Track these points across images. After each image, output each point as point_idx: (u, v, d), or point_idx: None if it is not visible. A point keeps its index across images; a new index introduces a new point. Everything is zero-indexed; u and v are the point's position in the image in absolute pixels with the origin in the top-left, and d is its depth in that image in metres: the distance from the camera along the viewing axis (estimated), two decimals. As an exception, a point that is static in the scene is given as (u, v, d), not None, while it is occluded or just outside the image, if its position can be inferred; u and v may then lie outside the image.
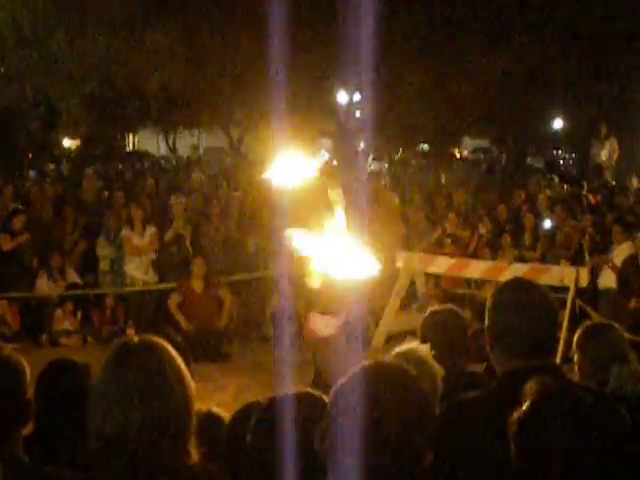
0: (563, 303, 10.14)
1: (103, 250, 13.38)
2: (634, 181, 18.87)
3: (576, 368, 4.17)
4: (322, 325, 8.66)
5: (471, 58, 23.33)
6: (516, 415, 2.63)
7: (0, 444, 2.71)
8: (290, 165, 5.93)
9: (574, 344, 4.17)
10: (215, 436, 3.21)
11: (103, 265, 13.42)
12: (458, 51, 23.60)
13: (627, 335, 4.48)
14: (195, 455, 2.42)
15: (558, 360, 7.39)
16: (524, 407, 2.62)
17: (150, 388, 2.34)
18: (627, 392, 3.84)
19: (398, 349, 3.68)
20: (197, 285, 12.55)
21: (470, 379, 4.10)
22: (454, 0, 23.66)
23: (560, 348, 8.60)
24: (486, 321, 2.98)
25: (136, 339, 2.49)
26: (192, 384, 2.45)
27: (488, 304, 3.00)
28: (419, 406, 2.20)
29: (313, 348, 8.97)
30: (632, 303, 11.18)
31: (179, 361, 2.44)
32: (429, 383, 3.41)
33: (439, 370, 3.59)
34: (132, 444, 2.31)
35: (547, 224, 13.16)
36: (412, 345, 3.75)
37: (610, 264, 11.60)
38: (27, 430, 3.10)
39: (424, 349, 3.68)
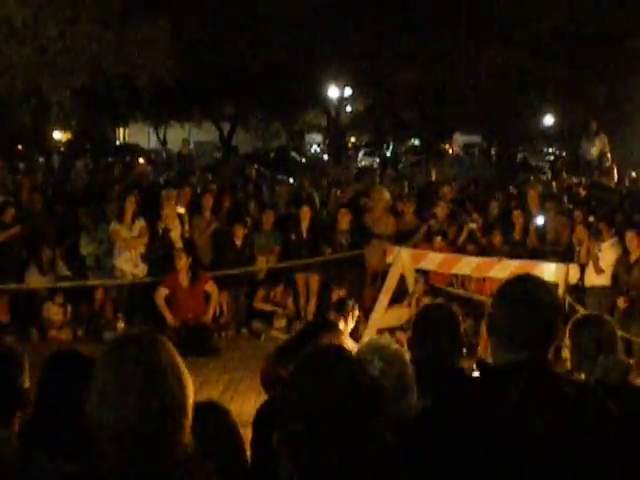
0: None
1: (86, 249, 13.33)
2: (632, 174, 19.06)
3: (567, 355, 4.26)
4: None
5: (462, 55, 23.47)
6: (501, 408, 2.70)
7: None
8: None
9: (566, 333, 4.23)
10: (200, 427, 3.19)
11: (89, 261, 13.37)
12: (449, 49, 23.70)
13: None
14: (190, 449, 2.41)
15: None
16: (510, 401, 2.70)
17: (148, 384, 2.32)
18: (610, 382, 3.93)
19: (360, 344, 3.71)
20: (183, 279, 12.54)
21: (461, 375, 4.14)
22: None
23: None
24: (489, 313, 3.04)
25: (135, 333, 2.47)
26: (190, 380, 2.44)
27: (493, 297, 3.06)
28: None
29: None
30: (621, 301, 11.25)
31: (178, 357, 2.42)
32: (397, 367, 3.44)
33: (404, 352, 3.61)
34: (128, 439, 2.30)
35: (540, 220, 13.09)
36: (374, 337, 3.82)
37: (596, 261, 11.64)
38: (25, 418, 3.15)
39: (386, 338, 3.73)
